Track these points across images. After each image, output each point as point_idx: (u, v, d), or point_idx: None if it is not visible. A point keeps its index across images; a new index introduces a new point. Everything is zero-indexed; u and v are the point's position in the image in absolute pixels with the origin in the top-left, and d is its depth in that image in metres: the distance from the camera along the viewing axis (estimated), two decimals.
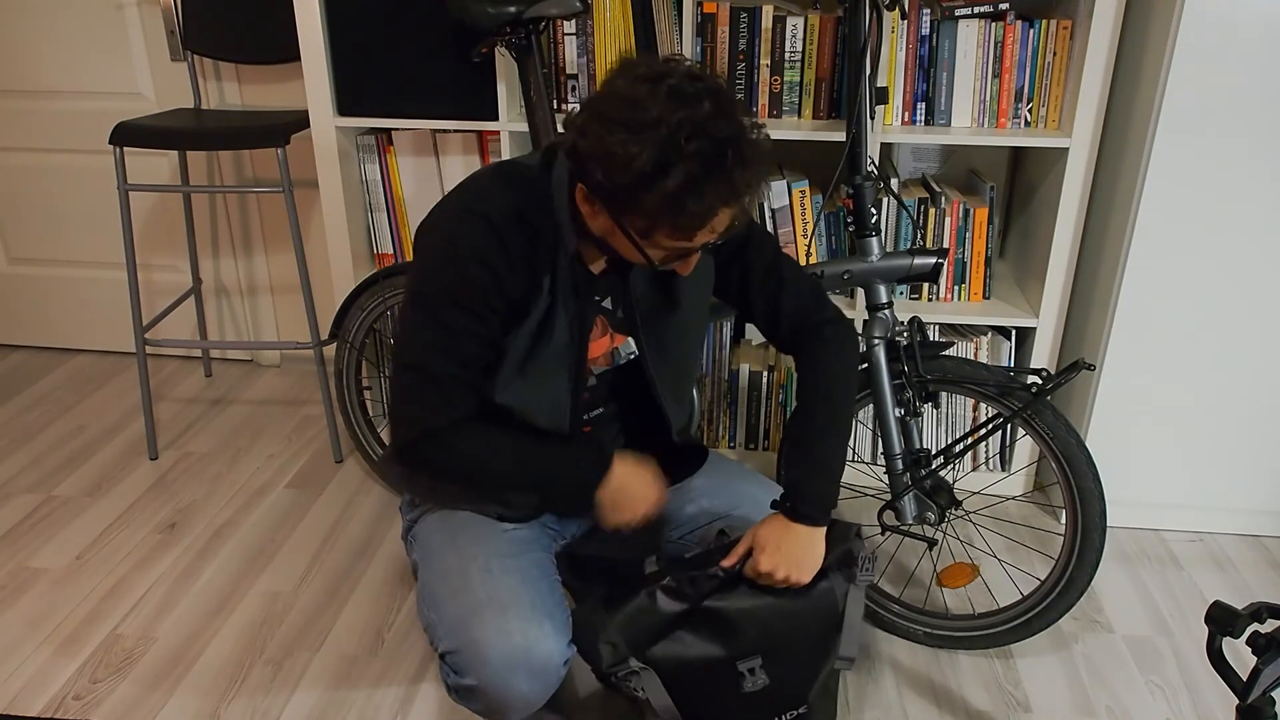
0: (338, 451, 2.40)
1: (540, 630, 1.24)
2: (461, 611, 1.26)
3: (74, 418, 2.59)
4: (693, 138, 1.08)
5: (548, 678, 1.25)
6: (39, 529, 2.13)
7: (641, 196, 1.10)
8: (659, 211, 1.12)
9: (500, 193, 1.23)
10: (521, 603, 1.26)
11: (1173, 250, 1.88)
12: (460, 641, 1.25)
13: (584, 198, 1.20)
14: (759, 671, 1.34)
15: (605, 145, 1.10)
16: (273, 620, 1.86)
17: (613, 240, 1.22)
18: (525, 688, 1.24)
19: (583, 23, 2.02)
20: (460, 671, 1.26)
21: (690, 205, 1.10)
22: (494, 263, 1.20)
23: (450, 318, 1.20)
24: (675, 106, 1.08)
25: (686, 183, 1.08)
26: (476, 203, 1.22)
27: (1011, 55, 1.94)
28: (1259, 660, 1.07)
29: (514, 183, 1.24)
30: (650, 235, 1.16)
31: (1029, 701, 1.67)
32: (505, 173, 1.26)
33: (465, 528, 1.37)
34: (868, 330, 1.67)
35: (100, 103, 2.61)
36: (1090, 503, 1.61)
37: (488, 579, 1.28)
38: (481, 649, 1.23)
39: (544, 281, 1.25)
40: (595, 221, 1.21)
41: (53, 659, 1.76)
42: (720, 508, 1.51)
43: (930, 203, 2.05)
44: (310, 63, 2.06)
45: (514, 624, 1.24)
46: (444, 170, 2.18)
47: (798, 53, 1.98)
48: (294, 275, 2.76)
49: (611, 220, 1.18)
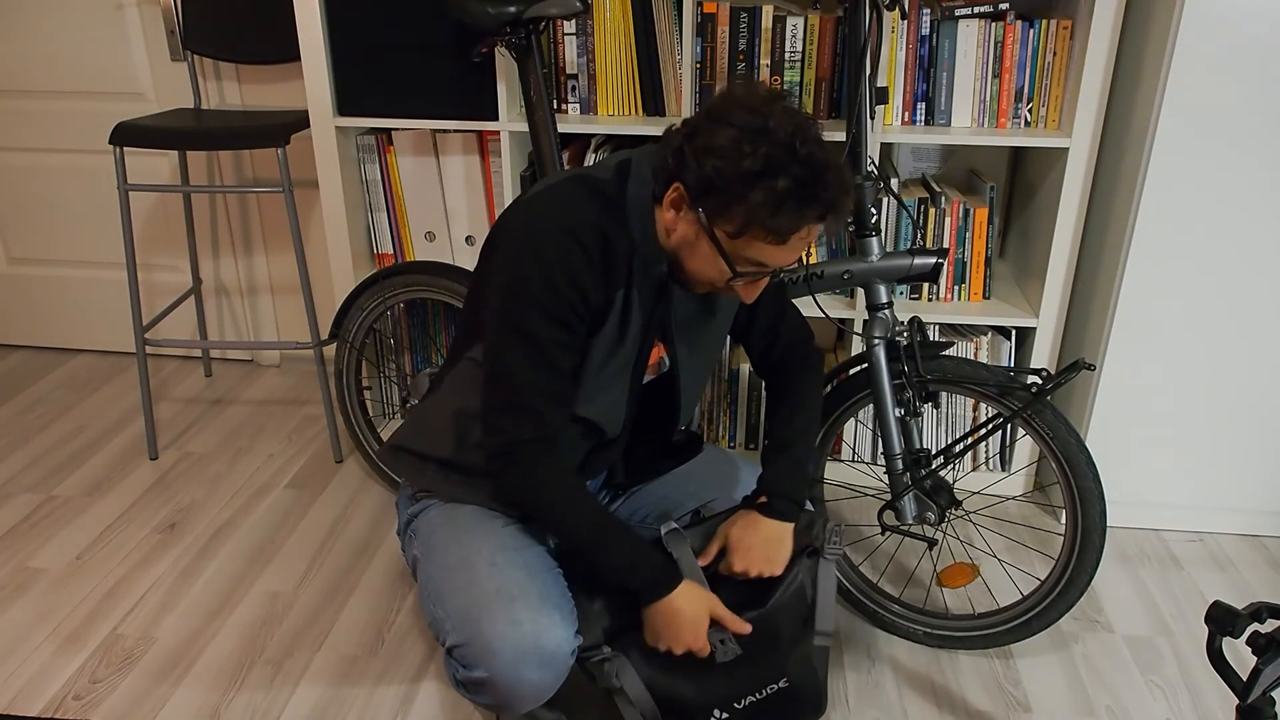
0: (338, 451, 2.40)
1: (549, 620, 1.25)
2: (469, 604, 1.27)
3: (74, 418, 2.59)
4: (804, 147, 1.16)
5: (558, 666, 1.26)
6: (39, 529, 2.13)
7: (747, 193, 1.15)
8: (760, 209, 1.16)
9: (584, 206, 1.25)
10: (529, 593, 1.27)
11: (1173, 250, 1.88)
12: (469, 634, 1.26)
13: (672, 202, 1.23)
14: (729, 641, 1.36)
15: (719, 140, 1.16)
16: (273, 620, 1.86)
17: (689, 250, 1.25)
18: (536, 677, 1.25)
19: (583, 23, 2.02)
20: (470, 664, 1.26)
21: (790, 209, 1.16)
22: (580, 276, 1.23)
23: (542, 330, 1.23)
24: (788, 121, 1.17)
25: (794, 187, 1.15)
26: (563, 216, 1.23)
27: (1011, 55, 1.94)
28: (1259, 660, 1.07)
29: (595, 197, 1.26)
30: (742, 235, 1.20)
31: (1029, 701, 1.68)
32: (586, 185, 1.27)
33: (468, 523, 1.38)
34: (868, 330, 1.67)
35: (100, 103, 2.61)
36: (1090, 503, 1.61)
37: (494, 572, 1.29)
38: (491, 640, 1.24)
39: (618, 296, 1.28)
40: (678, 229, 1.25)
41: (53, 659, 1.76)
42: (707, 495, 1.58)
43: (930, 203, 2.05)
44: (310, 63, 2.06)
45: (523, 614, 1.25)
46: (444, 170, 2.19)
47: (798, 53, 1.98)
48: (294, 275, 2.76)
49: (699, 225, 1.22)
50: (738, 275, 1.24)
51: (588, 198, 1.26)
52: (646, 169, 1.28)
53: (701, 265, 1.26)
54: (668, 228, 1.26)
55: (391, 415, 2.48)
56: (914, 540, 2.02)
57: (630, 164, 1.29)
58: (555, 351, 1.24)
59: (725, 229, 1.20)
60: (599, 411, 1.36)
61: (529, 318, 1.22)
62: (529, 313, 1.22)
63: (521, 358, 1.24)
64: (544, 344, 1.23)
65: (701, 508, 1.54)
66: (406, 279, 2.09)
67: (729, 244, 1.21)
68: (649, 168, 1.28)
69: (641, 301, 1.31)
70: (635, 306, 1.31)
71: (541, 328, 1.23)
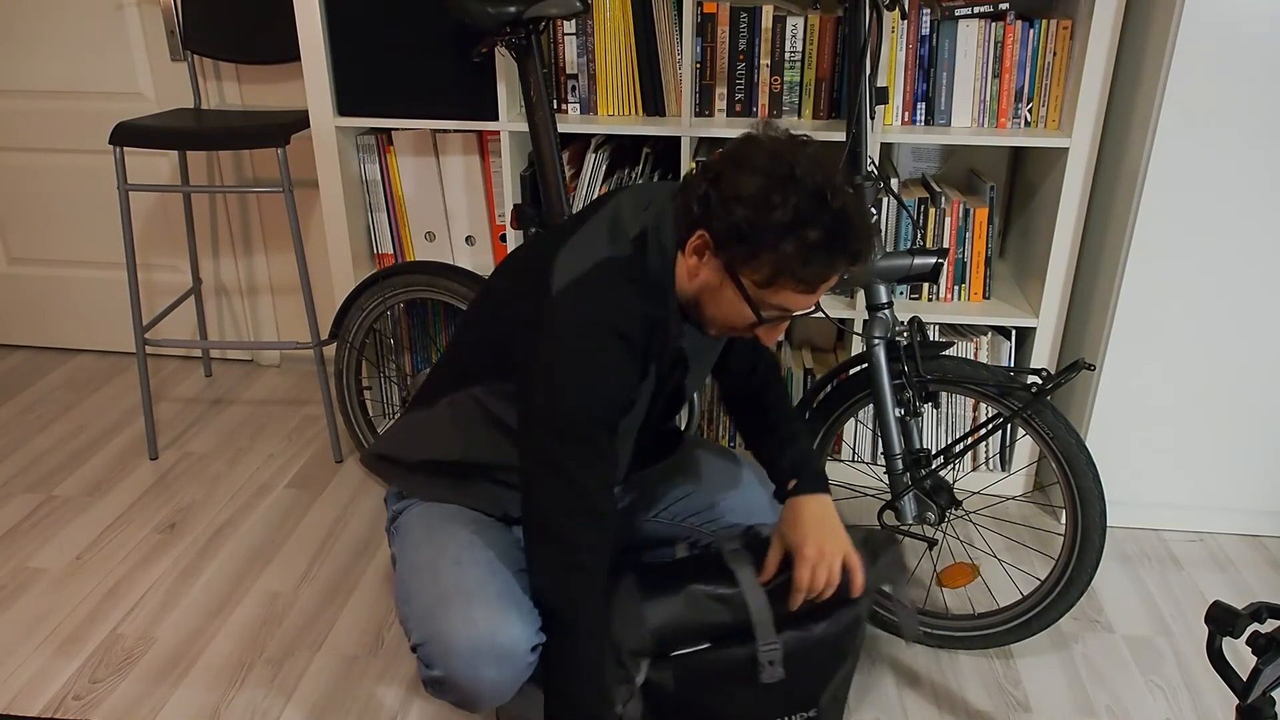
0: (338, 451, 2.40)
1: (505, 618, 1.25)
2: (430, 603, 1.28)
3: (74, 418, 2.59)
4: (835, 199, 1.15)
5: (515, 663, 1.26)
6: (39, 529, 2.13)
7: (778, 243, 1.15)
8: (791, 260, 1.16)
9: (626, 297, 1.24)
10: (487, 592, 1.27)
11: (1173, 250, 1.88)
12: (428, 633, 1.27)
13: (696, 249, 1.22)
14: (778, 664, 1.35)
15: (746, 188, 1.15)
16: (273, 620, 1.86)
17: (712, 295, 1.25)
18: (494, 674, 1.25)
19: (583, 23, 2.02)
20: (429, 663, 1.27)
21: (821, 259, 1.17)
22: (630, 376, 1.24)
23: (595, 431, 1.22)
24: (816, 170, 1.16)
25: (824, 238, 1.15)
26: (612, 315, 1.22)
27: (1011, 55, 1.94)
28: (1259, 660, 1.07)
29: (632, 283, 1.25)
30: (771, 284, 1.20)
31: (1029, 701, 1.68)
32: (621, 273, 1.25)
33: (441, 522, 1.39)
34: (868, 330, 1.67)
35: (100, 103, 2.61)
36: (1090, 503, 1.61)
37: (455, 570, 1.30)
38: (447, 639, 1.24)
39: (651, 370, 1.30)
40: (700, 275, 1.25)
41: (53, 659, 1.76)
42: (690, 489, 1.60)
43: (930, 203, 2.05)
44: (310, 63, 2.06)
45: (478, 613, 1.25)
46: (444, 170, 2.19)
47: (798, 53, 1.98)
48: (294, 275, 2.76)
49: (724, 272, 1.21)
50: (763, 322, 1.25)
51: (627, 285, 1.24)
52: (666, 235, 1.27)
53: (724, 310, 1.26)
54: (690, 273, 1.25)
55: (391, 415, 2.48)
56: (914, 540, 2.02)
57: (646, 234, 1.28)
58: (604, 444, 1.24)
59: (753, 277, 1.20)
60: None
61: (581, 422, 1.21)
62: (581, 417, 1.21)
63: (578, 462, 1.22)
64: (596, 441, 1.23)
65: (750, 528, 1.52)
66: (406, 279, 2.09)
67: (755, 292, 1.21)
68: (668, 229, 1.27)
69: (660, 369, 1.33)
70: (653, 374, 1.32)
71: (594, 429, 1.22)
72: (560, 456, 1.22)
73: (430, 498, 1.43)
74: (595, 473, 1.23)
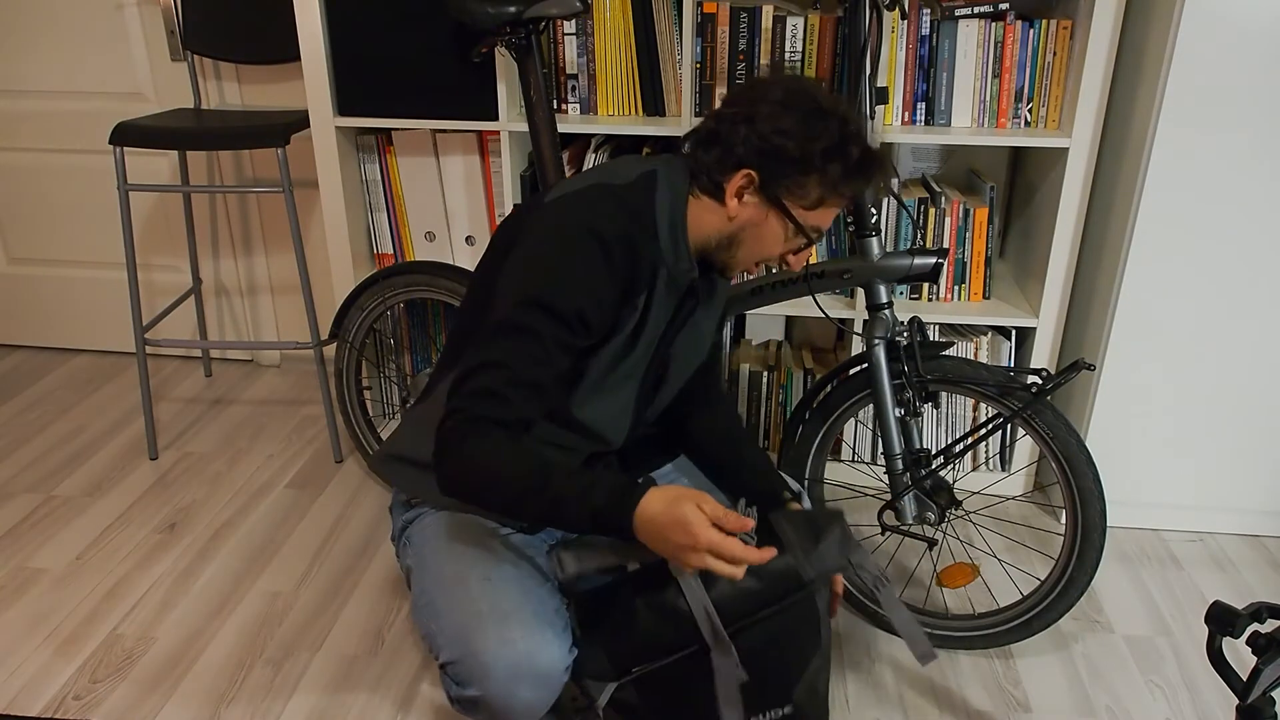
0: (338, 451, 2.40)
1: (542, 638, 1.24)
2: (462, 622, 1.26)
3: (74, 418, 2.59)
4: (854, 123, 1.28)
5: (551, 684, 1.25)
6: (39, 529, 2.13)
7: (825, 166, 1.25)
8: (837, 181, 1.27)
9: (611, 213, 1.26)
10: (523, 611, 1.25)
11: (1173, 250, 1.88)
12: (462, 652, 1.24)
13: (739, 189, 1.27)
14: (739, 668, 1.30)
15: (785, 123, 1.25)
16: (273, 620, 1.86)
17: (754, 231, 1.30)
18: (530, 696, 1.23)
19: (583, 23, 2.02)
20: (463, 683, 1.25)
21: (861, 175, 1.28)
22: (598, 281, 1.24)
23: (544, 324, 1.21)
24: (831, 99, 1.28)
25: (862, 156, 1.28)
26: (590, 220, 1.25)
27: (1011, 55, 1.94)
28: (1259, 660, 1.08)
29: (621, 206, 1.28)
30: (819, 206, 1.29)
31: (1029, 701, 1.68)
32: (611, 194, 1.28)
33: (463, 534, 1.36)
34: (868, 330, 1.67)
35: (100, 103, 2.61)
36: (1090, 503, 1.61)
37: (488, 588, 1.28)
38: (484, 659, 1.22)
39: (639, 301, 1.30)
40: (739, 216, 1.29)
41: (53, 659, 1.76)
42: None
43: (930, 203, 2.05)
44: (310, 63, 2.06)
45: (516, 633, 1.23)
46: (444, 170, 2.19)
47: (798, 53, 1.98)
48: (294, 275, 2.76)
49: (769, 205, 1.28)
50: (810, 242, 1.33)
51: (615, 206, 1.27)
52: (678, 176, 1.31)
53: (764, 243, 1.32)
54: (728, 215, 1.29)
55: (391, 415, 2.48)
56: (914, 540, 2.02)
57: (656, 174, 1.31)
58: (552, 347, 1.22)
59: (801, 203, 1.28)
60: (601, 417, 1.35)
61: (534, 309, 1.21)
62: (535, 305, 1.21)
63: (514, 345, 1.21)
64: (543, 337, 1.21)
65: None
66: (406, 279, 2.09)
67: (803, 215, 1.29)
68: (680, 175, 1.31)
69: (659, 312, 1.32)
70: (654, 313, 1.31)
71: (544, 322, 1.21)
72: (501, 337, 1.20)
73: (443, 505, 1.41)
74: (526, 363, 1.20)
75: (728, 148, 1.27)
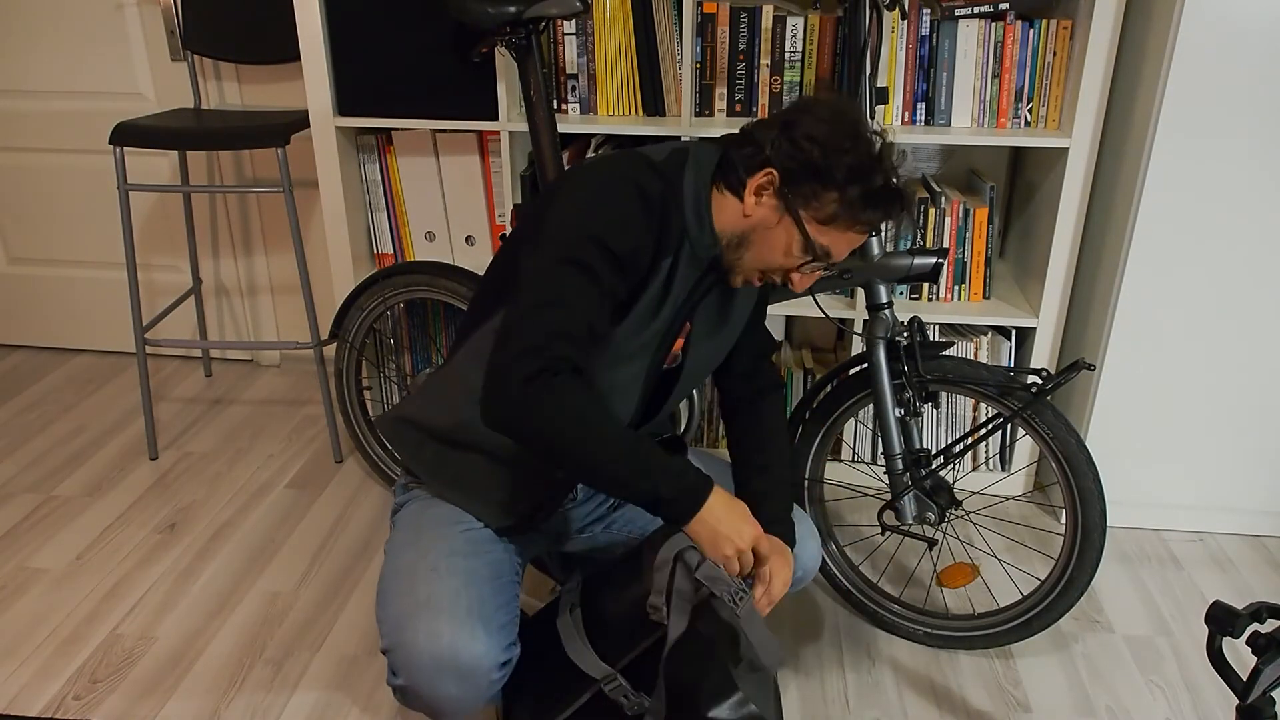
0: (338, 451, 2.40)
1: (470, 634, 1.23)
2: (401, 610, 1.27)
3: (74, 418, 2.59)
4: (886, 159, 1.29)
5: (476, 681, 1.24)
6: (39, 529, 2.13)
7: (847, 185, 1.25)
8: (854, 204, 1.26)
9: (648, 174, 1.28)
10: (457, 606, 1.25)
11: (1173, 250, 1.88)
12: (395, 641, 1.26)
13: (759, 187, 1.27)
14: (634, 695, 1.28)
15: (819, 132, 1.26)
16: (273, 620, 1.86)
17: (763, 234, 1.29)
18: (455, 691, 1.24)
19: (583, 23, 2.02)
20: (395, 671, 1.26)
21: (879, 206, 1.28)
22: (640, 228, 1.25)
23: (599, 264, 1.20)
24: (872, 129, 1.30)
25: (884, 187, 1.27)
26: (630, 173, 1.26)
27: (1011, 55, 1.94)
28: (1259, 660, 1.08)
29: (655, 171, 1.29)
30: (831, 223, 1.28)
31: (1029, 701, 1.68)
32: (645, 160, 1.30)
33: (430, 524, 1.37)
34: (868, 330, 1.67)
35: (100, 103, 2.61)
36: (1090, 503, 1.61)
37: (431, 578, 1.28)
38: (410, 650, 1.23)
39: (665, 264, 1.29)
40: (755, 214, 1.29)
41: (53, 659, 1.76)
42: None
43: (930, 203, 2.05)
44: (310, 63, 2.06)
45: (444, 627, 1.23)
46: (444, 170, 2.19)
47: (798, 53, 1.98)
48: (294, 275, 2.76)
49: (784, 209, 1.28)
50: (816, 260, 1.30)
51: (649, 169, 1.28)
52: (706, 158, 1.32)
53: (770, 249, 1.30)
54: (744, 211, 1.29)
55: None
56: (914, 540, 2.02)
57: (687, 153, 1.32)
58: (605, 290, 1.21)
59: (815, 215, 1.27)
60: (612, 385, 1.32)
61: (588, 244, 1.20)
62: (590, 240, 1.20)
63: (574, 281, 1.19)
64: (600, 277, 1.20)
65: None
66: (406, 279, 2.09)
67: (813, 229, 1.28)
68: (709, 160, 1.32)
69: (682, 281, 1.32)
70: (676, 284, 1.31)
71: (598, 259, 1.20)
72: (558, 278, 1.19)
73: (433, 491, 1.41)
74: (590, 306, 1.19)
75: (759, 146, 1.28)
